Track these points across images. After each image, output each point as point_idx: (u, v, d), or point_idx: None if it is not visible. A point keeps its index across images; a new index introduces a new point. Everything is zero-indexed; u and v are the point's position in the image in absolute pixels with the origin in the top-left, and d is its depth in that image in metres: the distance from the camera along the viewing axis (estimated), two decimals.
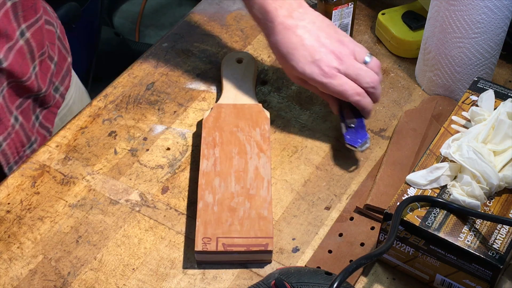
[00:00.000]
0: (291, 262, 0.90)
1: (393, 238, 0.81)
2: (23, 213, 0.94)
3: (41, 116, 1.09)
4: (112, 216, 0.94)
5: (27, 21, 0.99)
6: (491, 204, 0.85)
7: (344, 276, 0.74)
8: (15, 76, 0.99)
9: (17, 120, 1.02)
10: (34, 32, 1.00)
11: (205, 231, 0.89)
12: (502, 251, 0.80)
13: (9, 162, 1.03)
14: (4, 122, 0.99)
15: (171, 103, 1.08)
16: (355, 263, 0.77)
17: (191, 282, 0.88)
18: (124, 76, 1.12)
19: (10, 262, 0.90)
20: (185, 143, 1.03)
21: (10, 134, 1.01)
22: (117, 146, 1.02)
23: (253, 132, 0.99)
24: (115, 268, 0.89)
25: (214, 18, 1.21)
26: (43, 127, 1.10)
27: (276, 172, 1.00)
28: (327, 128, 1.05)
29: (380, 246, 0.80)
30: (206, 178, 0.94)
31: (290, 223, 0.94)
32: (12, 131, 1.01)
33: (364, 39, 1.18)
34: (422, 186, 0.86)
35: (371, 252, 0.79)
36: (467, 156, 0.85)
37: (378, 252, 0.79)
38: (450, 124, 0.93)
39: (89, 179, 0.98)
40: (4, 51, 0.95)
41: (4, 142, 1.00)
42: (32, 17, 1.00)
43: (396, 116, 1.07)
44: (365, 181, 0.98)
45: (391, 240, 0.80)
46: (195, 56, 1.15)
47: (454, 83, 1.05)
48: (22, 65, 0.99)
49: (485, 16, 0.97)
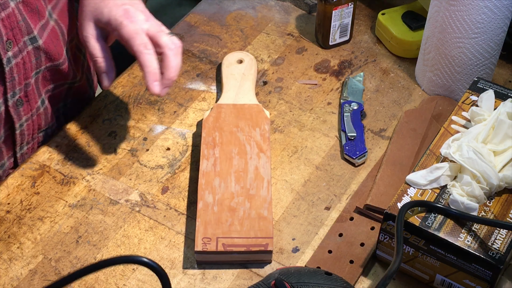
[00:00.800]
0: (291, 262, 0.90)
1: (401, 249, 0.79)
2: (23, 213, 0.94)
3: (69, 105, 1.10)
4: (112, 216, 0.94)
5: (51, 2, 0.99)
6: (491, 204, 0.85)
7: None
8: (52, 57, 0.99)
9: (42, 104, 1.02)
10: (60, 14, 1.01)
11: (205, 231, 0.89)
12: (502, 251, 0.80)
13: (23, 142, 1.03)
14: (31, 103, 1.00)
15: (171, 103, 1.08)
16: (382, 285, 0.75)
17: (191, 282, 0.88)
18: (124, 76, 1.12)
19: (10, 262, 0.90)
20: (185, 143, 1.03)
21: (33, 115, 1.01)
22: (117, 146, 1.02)
23: (253, 132, 0.99)
24: (115, 268, 0.89)
25: (214, 18, 1.21)
26: (65, 115, 1.11)
27: (276, 172, 1.00)
28: (327, 128, 1.05)
29: (393, 261, 0.78)
30: (206, 178, 0.94)
31: (290, 223, 0.94)
32: (35, 113, 1.02)
33: (364, 39, 1.18)
34: (422, 186, 0.86)
35: (390, 270, 0.76)
36: (467, 156, 0.85)
37: (395, 267, 0.77)
38: (450, 124, 0.93)
39: (89, 179, 0.98)
40: (38, 29, 0.95)
41: (25, 122, 1.01)
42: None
43: (396, 116, 1.07)
44: (365, 181, 0.98)
45: (400, 251, 0.78)
46: (195, 56, 1.15)
47: (454, 83, 1.05)
48: (56, 45, 0.99)
49: (485, 16, 0.97)
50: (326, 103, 1.08)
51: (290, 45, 1.17)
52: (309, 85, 1.11)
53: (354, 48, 1.17)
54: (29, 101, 0.99)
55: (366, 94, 1.10)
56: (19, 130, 1.00)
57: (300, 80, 1.12)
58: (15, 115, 0.97)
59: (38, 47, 0.96)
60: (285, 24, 1.20)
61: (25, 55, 0.95)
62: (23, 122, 1.00)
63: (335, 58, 1.15)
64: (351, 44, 1.17)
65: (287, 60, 1.14)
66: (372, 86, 1.11)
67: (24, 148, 1.03)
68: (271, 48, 1.16)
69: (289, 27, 1.20)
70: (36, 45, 0.96)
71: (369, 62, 1.14)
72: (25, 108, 0.99)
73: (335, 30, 1.14)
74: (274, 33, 1.19)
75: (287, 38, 1.18)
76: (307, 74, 1.12)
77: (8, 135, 1.00)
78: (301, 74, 1.12)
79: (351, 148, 1.00)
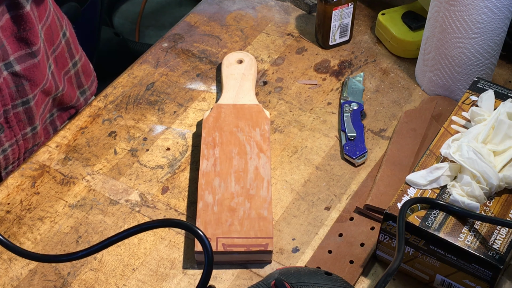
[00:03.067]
0: (291, 262, 0.90)
1: (403, 246, 0.79)
2: (23, 213, 0.94)
3: (56, 115, 1.10)
4: (112, 216, 0.94)
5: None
6: (491, 205, 0.85)
7: None
8: (36, 82, 0.98)
9: (34, 129, 1.02)
10: (45, 31, 1.00)
11: (205, 231, 0.89)
12: (502, 251, 0.80)
13: (7, 165, 1.03)
14: (14, 130, 0.99)
15: (171, 103, 1.08)
16: (383, 282, 0.76)
17: (191, 282, 0.88)
18: (124, 76, 1.12)
19: (10, 262, 0.90)
20: (185, 143, 1.03)
21: (18, 141, 1.01)
22: (117, 146, 1.02)
23: (253, 132, 0.99)
24: (115, 268, 0.89)
25: (214, 18, 1.21)
26: (52, 124, 1.10)
27: (276, 172, 1.00)
28: (327, 128, 1.05)
29: (395, 258, 0.78)
30: (206, 178, 0.94)
31: (290, 223, 0.94)
32: (21, 139, 1.01)
33: (364, 39, 1.18)
34: (422, 186, 0.86)
35: (391, 267, 0.77)
36: (467, 156, 0.85)
37: (397, 264, 0.78)
38: (450, 124, 0.93)
39: (89, 179, 0.98)
40: (16, 55, 0.95)
41: (9, 148, 1.00)
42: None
43: (396, 116, 1.07)
44: (365, 181, 0.98)
45: (402, 248, 0.79)
46: (195, 56, 1.15)
47: (454, 83, 1.05)
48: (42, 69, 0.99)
49: (485, 16, 0.97)
50: (326, 103, 1.08)
51: (290, 45, 1.17)
52: (309, 85, 1.11)
53: (354, 48, 1.17)
54: (11, 128, 0.98)
55: (366, 94, 1.10)
56: (2, 155, 0.99)
57: (300, 80, 1.12)
58: None
59: (15, 73, 0.95)
60: (285, 24, 1.20)
61: (1, 82, 0.94)
62: (6, 147, 0.99)
63: (335, 58, 1.15)
64: (351, 44, 1.17)
65: (287, 60, 1.14)
66: (372, 86, 1.11)
67: (9, 168, 1.03)
68: (271, 48, 1.16)
69: (289, 27, 1.20)
70: (12, 70, 0.95)
71: (369, 62, 1.14)
72: (7, 134, 0.98)
73: (335, 30, 1.14)
74: (274, 33, 1.19)
75: (287, 38, 1.18)
76: (307, 74, 1.12)
77: None
78: (301, 74, 1.12)
79: (351, 148, 1.00)
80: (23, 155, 1.04)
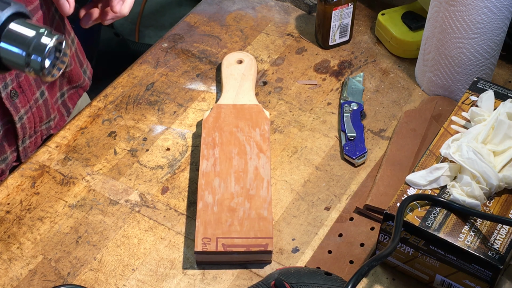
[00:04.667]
0: (291, 263, 0.90)
1: (398, 236, 0.80)
2: (23, 213, 0.94)
3: (66, 95, 1.10)
4: (111, 217, 0.94)
5: None
6: (491, 205, 0.85)
7: (357, 279, 0.74)
8: None
9: (42, 95, 1.02)
10: None
11: (205, 232, 0.89)
12: (502, 251, 0.80)
13: (25, 135, 1.03)
14: (27, 95, 1.00)
15: (171, 103, 1.08)
16: (367, 265, 0.76)
17: (191, 282, 0.88)
18: (124, 77, 1.12)
19: (9, 263, 0.90)
20: (185, 143, 1.03)
21: (32, 108, 1.01)
22: (117, 147, 1.02)
23: (253, 132, 0.99)
24: (115, 268, 0.89)
25: (214, 18, 1.21)
26: (64, 106, 1.11)
27: (276, 172, 1.00)
28: (327, 128, 1.05)
29: (387, 246, 0.79)
30: (206, 179, 0.94)
31: (290, 224, 0.94)
32: (34, 105, 1.02)
33: (364, 39, 1.18)
34: (422, 186, 0.86)
35: (381, 253, 0.78)
36: (467, 157, 0.85)
37: (387, 252, 0.78)
38: (450, 124, 0.93)
39: (88, 180, 0.98)
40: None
41: (25, 115, 1.01)
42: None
43: (396, 116, 1.07)
44: (365, 182, 0.98)
45: (397, 238, 0.80)
46: (195, 56, 1.15)
47: (454, 84, 1.05)
48: None
49: (485, 16, 0.97)
50: (326, 104, 1.08)
51: (290, 45, 1.17)
52: (309, 85, 1.11)
53: (354, 48, 1.17)
54: (24, 92, 0.99)
55: (366, 95, 1.10)
56: (19, 123, 1.00)
57: (300, 80, 1.12)
58: (12, 107, 0.97)
59: None
60: (285, 25, 1.20)
61: None
62: (22, 115, 1.00)
63: (335, 59, 1.15)
64: (351, 44, 1.17)
65: (287, 60, 1.14)
66: (372, 86, 1.11)
67: (26, 142, 1.03)
68: (271, 48, 1.16)
69: (289, 27, 1.20)
70: None
71: (369, 63, 1.14)
72: (21, 99, 0.99)
73: (335, 30, 1.14)
74: (274, 33, 1.19)
75: (287, 38, 1.18)
76: (307, 75, 1.12)
77: (8, 129, 1.00)
78: (301, 75, 1.12)
79: (351, 148, 1.00)
80: (39, 128, 1.04)
